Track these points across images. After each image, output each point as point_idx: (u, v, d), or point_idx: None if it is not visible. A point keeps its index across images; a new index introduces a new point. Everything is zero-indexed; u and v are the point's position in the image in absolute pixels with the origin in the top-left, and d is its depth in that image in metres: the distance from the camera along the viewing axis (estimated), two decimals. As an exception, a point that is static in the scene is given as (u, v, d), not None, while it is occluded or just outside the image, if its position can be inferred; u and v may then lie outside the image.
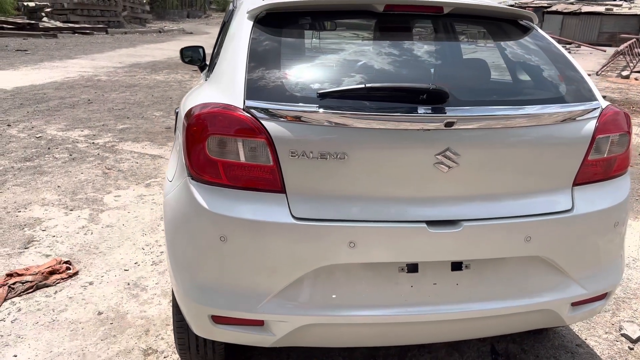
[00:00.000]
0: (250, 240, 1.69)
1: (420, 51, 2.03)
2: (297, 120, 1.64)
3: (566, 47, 24.91)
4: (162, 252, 3.41)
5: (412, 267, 1.78)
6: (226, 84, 1.81)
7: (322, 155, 1.64)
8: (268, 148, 1.65)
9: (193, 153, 1.72)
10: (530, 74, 2.04)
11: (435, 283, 1.81)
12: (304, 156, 1.64)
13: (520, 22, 2.17)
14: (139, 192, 4.53)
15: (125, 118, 7.41)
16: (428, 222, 1.72)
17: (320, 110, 1.63)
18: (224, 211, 1.68)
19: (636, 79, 14.06)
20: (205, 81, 2.28)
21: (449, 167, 1.69)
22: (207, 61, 3.27)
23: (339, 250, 1.69)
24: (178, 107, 2.54)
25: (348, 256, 1.70)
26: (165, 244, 1.95)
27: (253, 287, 1.74)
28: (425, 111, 1.66)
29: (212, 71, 2.14)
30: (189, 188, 1.74)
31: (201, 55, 3.93)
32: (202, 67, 3.87)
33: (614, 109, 1.93)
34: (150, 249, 3.46)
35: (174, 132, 2.86)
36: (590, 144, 1.83)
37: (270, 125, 1.64)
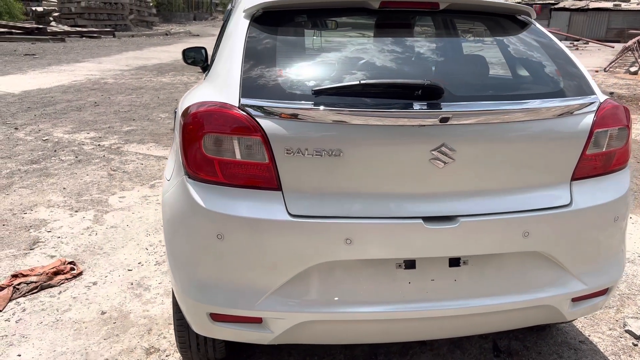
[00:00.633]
0: (247, 238, 1.69)
1: (417, 47, 2.03)
2: (292, 118, 1.65)
3: (574, 43, 24.75)
4: (165, 252, 3.42)
5: (410, 264, 1.77)
6: (222, 83, 1.82)
7: (317, 152, 1.64)
8: (264, 146, 1.65)
9: (189, 151, 1.73)
10: (527, 69, 2.03)
11: (433, 279, 1.80)
12: (299, 153, 1.65)
13: (518, 17, 2.16)
14: (143, 193, 4.55)
15: (131, 120, 7.46)
16: (424, 218, 1.71)
17: (316, 108, 1.63)
18: (220, 209, 1.69)
19: (644, 75, 13.93)
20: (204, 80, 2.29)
21: (444, 162, 1.69)
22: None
23: (335, 247, 1.69)
24: (177, 107, 2.55)
25: (345, 253, 1.70)
26: (165, 243, 1.96)
27: (251, 285, 1.74)
28: (421, 107, 1.65)
29: (210, 70, 2.15)
30: (185, 186, 1.75)
31: (203, 56, 3.94)
32: (205, 68, 3.88)
33: (613, 102, 1.91)
34: (154, 249, 3.48)
35: (174, 132, 2.87)
36: (588, 138, 1.82)
37: (265, 123, 1.65)
